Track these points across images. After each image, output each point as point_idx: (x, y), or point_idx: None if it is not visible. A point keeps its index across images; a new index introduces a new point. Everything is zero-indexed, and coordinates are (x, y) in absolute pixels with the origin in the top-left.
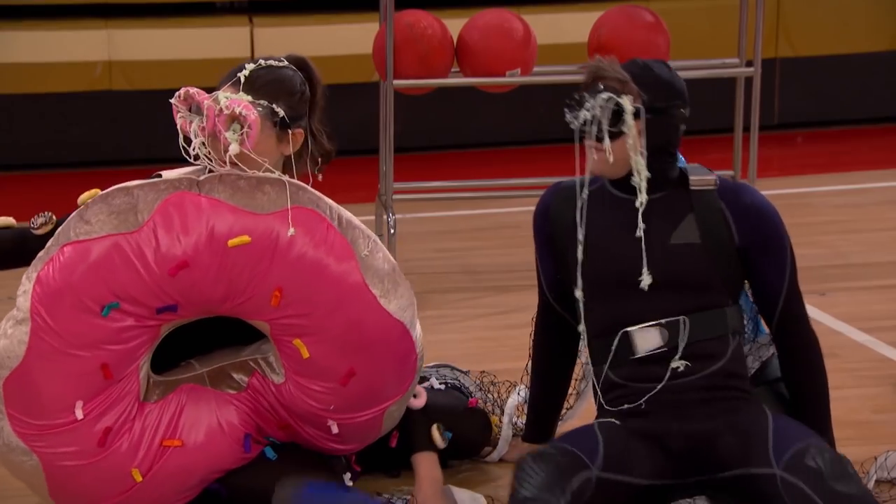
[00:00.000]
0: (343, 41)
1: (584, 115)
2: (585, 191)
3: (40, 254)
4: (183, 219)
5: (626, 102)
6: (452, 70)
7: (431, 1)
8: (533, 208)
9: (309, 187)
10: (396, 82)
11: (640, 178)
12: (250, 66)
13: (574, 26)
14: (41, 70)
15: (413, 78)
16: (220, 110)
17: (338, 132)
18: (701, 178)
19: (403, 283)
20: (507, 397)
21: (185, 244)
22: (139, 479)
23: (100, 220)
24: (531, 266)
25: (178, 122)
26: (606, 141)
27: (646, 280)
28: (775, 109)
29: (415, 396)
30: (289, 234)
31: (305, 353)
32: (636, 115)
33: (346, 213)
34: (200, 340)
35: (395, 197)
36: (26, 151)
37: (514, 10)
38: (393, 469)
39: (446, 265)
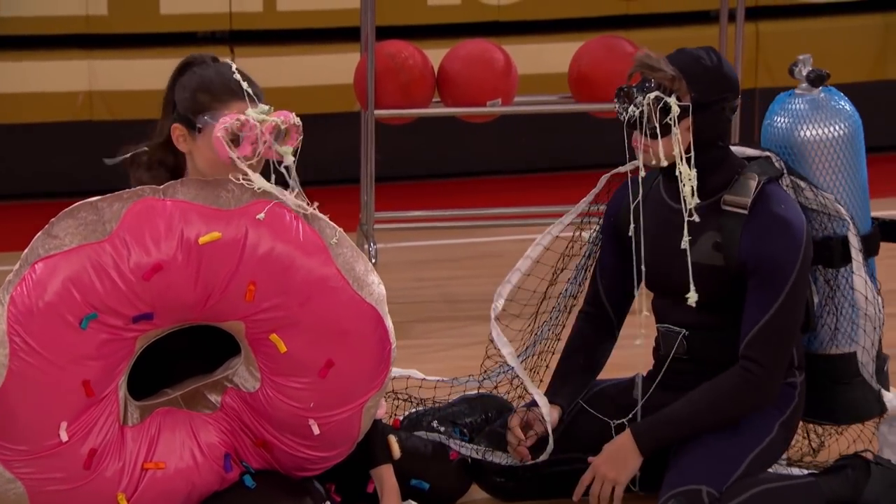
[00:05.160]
0: (324, 71)
1: (633, 111)
2: (641, 190)
3: (9, 277)
4: (151, 223)
5: (674, 103)
6: (434, 100)
7: (413, 31)
8: (515, 237)
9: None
10: (377, 112)
11: (686, 188)
12: (236, 77)
13: (555, 57)
14: (22, 100)
15: (394, 108)
16: (277, 127)
17: (319, 162)
18: (736, 198)
19: (373, 272)
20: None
21: (156, 247)
22: None
23: (68, 234)
24: (513, 295)
25: (233, 156)
26: (649, 138)
27: (692, 298)
28: (755, 139)
29: None
30: (258, 217)
31: (283, 348)
32: (684, 114)
33: (309, 207)
34: (170, 370)
35: (377, 226)
36: (6, 181)
37: (495, 41)
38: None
39: (428, 294)
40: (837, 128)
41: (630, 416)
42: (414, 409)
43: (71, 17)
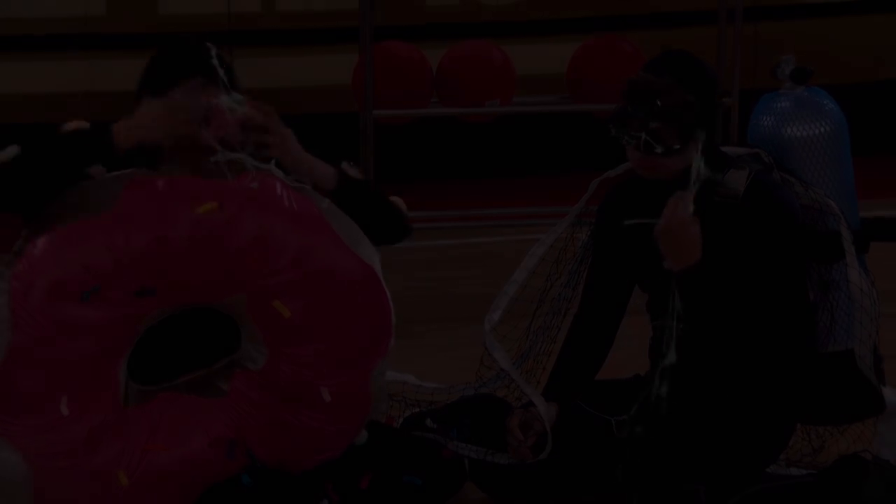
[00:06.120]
0: (322, 71)
1: (645, 136)
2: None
3: (9, 256)
4: (149, 198)
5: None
6: (432, 101)
7: (411, 32)
8: (514, 238)
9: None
10: (376, 112)
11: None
12: (213, 62)
13: (553, 57)
14: (20, 100)
15: (393, 108)
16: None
17: None
18: (727, 189)
19: (366, 240)
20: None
21: (155, 220)
22: (125, 481)
23: (68, 211)
24: (511, 307)
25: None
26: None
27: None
28: None
29: None
30: (252, 186)
31: (286, 313)
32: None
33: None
34: (172, 361)
35: None
36: None
37: (493, 41)
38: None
39: (428, 295)
40: (822, 125)
41: (628, 415)
42: (411, 412)
43: (70, 18)
